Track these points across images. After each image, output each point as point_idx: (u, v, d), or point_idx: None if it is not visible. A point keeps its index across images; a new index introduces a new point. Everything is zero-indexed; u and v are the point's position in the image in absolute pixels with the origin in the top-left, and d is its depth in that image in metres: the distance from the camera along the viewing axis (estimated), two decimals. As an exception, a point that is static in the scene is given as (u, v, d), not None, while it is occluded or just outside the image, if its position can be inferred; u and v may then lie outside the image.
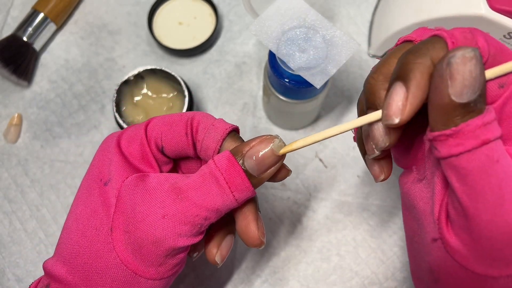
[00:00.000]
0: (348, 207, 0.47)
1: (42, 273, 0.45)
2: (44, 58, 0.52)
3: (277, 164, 0.27)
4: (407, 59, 0.23)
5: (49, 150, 0.49)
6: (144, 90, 0.46)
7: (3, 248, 0.46)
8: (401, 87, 0.22)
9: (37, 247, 0.46)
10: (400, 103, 0.22)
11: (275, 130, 0.49)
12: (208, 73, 0.51)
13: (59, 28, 0.53)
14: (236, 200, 0.26)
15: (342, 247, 0.45)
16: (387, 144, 0.25)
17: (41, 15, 0.50)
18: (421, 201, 0.26)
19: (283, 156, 0.27)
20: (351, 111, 0.50)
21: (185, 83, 0.44)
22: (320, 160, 0.48)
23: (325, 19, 0.36)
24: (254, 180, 0.26)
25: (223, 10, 0.53)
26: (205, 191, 0.26)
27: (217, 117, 0.30)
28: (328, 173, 0.48)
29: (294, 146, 0.26)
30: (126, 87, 0.45)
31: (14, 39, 0.49)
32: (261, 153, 0.26)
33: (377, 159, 0.28)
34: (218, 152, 0.28)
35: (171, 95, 0.46)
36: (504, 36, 0.39)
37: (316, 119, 0.50)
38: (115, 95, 0.44)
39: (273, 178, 0.28)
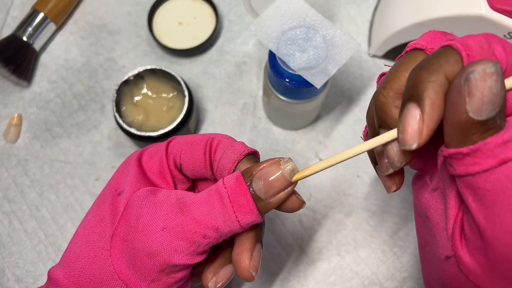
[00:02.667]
0: (348, 207, 0.47)
1: (41, 273, 0.45)
2: (44, 58, 0.52)
3: (288, 190, 0.25)
4: (420, 76, 0.21)
5: (49, 150, 0.49)
6: (144, 90, 0.46)
7: (2, 248, 0.45)
8: (415, 108, 0.21)
9: (37, 247, 0.46)
10: (416, 127, 0.21)
11: (275, 130, 0.49)
12: (208, 73, 0.51)
13: (59, 28, 0.53)
14: (239, 222, 0.25)
15: (342, 247, 0.45)
16: (403, 164, 0.24)
17: (41, 15, 0.50)
18: (435, 212, 0.25)
19: (294, 182, 0.25)
20: (351, 111, 0.50)
21: (185, 83, 0.44)
22: (320, 160, 0.48)
23: (325, 19, 0.36)
24: (261, 203, 0.25)
25: (223, 10, 0.53)
26: (208, 208, 0.25)
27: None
28: (328, 173, 0.48)
29: (307, 172, 0.25)
30: (126, 87, 0.45)
31: (14, 39, 0.49)
32: (270, 175, 0.25)
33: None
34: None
35: (171, 95, 0.46)
36: (504, 36, 0.39)
37: (316, 119, 0.50)
38: (115, 95, 0.44)
39: (284, 206, 0.26)
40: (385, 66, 0.27)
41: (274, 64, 0.38)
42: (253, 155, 0.28)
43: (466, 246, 0.22)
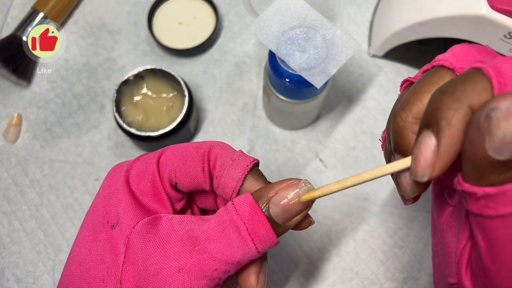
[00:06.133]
0: (348, 207, 0.47)
1: (41, 273, 0.45)
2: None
3: (305, 211, 0.24)
4: (441, 103, 0.19)
5: (49, 150, 0.49)
6: (144, 90, 0.46)
7: (2, 248, 0.45)
8: (431, 138, 0.19)
9: (37, 247, 0.46)
10: (429, 159, 0.19)
11: (275, 130, 0.49)
12: (208, 73, 0.51)
13: (59, 28, 0.53)
14: (259, 252, 0.23)
15: (342, 247, 0.45)
16: (415, 194, 0.22)
17: (41, 14, 0.50)
18: (449, 231, 0.24)
19: (311, 202, 0.24)
20: (352, 111, 0.50)
21: (185, 83, 0.44)
22: (321, 160, 0.48)
23: (325, 19, 0.36)
24: (279, 229, 0.24)
25: (223, 10, 0.53)
26: (225, 243, 0.23)
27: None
28: (328, 173, 0.48)
29: (316, 194, 0.23)
30: (126, 87, 0.45)
31: (13, 39, 0.49)
32: (288, 200, 0.23)
33: None
34: (238, 192, 0.25)
35: (171, 95, 0.46)
36: (505, 36, 0.39)
37: (316, 119, 0.50)
38: (115, 95, 0.44)
39: (297, 226, 0.25)
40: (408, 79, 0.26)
41: (274, 64, 0.38)
42: (255, 166, 0.26)
43: (470, 277, 0.21)
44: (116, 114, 0.43)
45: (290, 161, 0.48)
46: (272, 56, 0.38)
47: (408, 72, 0.51)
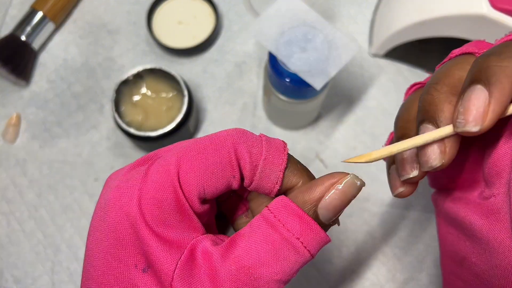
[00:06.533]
0: (349, 208, 0.46)
1: (40, 274, 0.45)
2: (43, 58, 0.52)
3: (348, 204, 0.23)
4: (489, 61, 0.20)
5: (48, 150, 0.48)
6: (143, 90, 0.45)
7: (1, 249, 0.45)
8: (482, 90, 0.20)
9: (36, 248, 0.45)
10: (481, 109, 0.19)
11: (275, 130, 0.49)
12: (207, 73, 0.51)
13: (58, 27, 0.53)
14: (313, 256, 0.22)
15: (343, 248, 0.45)
16: (442, 163, 0.22)
17: (40, 14, 0.50)
18: (489, 219, 0.23)
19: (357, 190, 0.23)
20: (352, 111, 0.50)
21: (184, 83, 0.44)
22: (321, 160, 0.48)
23: (325, 21, 0.36)
24: (328, 227, 0.23)
25: (223, 9, 0.53)
26: (282, 263, 0.21)
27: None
28: (328, 174, 0.48)
29: (374, 155, 0.23)
30: (125, 87, 0.44)
31: (12, 39, 0.49)
32: (339, 203, 0.23)
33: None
34: (277, 193, 0.23)
35: (171, 94, 0.45)
36: (506, 35, 0.39)
37: (317, 119, 0.49)
38: (114, 95, 0.43)
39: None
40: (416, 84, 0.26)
41: (274, 63, 0.38)
42: (289, 155, 0.24)
43: None
44: (115, 114, 0.43)
45: (290, 161, 0.48)
46: (272, 55, 0.38)
47: (409, 71, 0.51)
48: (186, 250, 0.21)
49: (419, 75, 0.51)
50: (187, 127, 0.45)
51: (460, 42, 0.28)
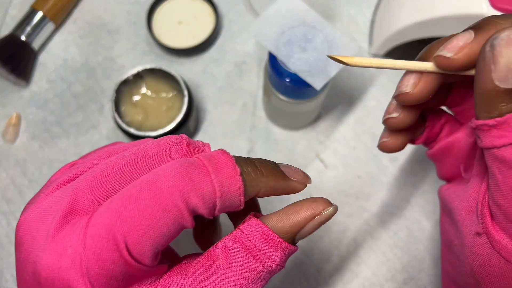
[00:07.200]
0: (349, 208, 0.46)
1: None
2: (43, 58, 0.52)
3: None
4: (488, 18, 0.21)
5: (48, 150, 0.48)
6: (143, 90, 0.45)
7: (1, 249, 0.45)
8: (469, 33, 0.21)
9: (36, 248, 0.45)
10: (461, 43, 0.21)
11: (275, 130, 0.49)
12: (207, 73, 0.51)
13: (58, 27, 0.53)
14: (283, 267, 0.23)
15: (343, 248, 0.45)
16: (409, 92, 0.23)
17: (40, 14, 0.50)
18: (463, 201, 0.25)
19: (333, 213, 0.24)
20: (352, 110, 0.50)
21: (184, 83, 0.44)
22: (321, 160, 0.48)
23: (325, 21, 0.36)
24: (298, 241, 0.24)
25: (223, 9, 0.53)
26: (262, 284, 0.22)
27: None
28: (328, 174, 0.48)
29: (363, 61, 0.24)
30: (125, 87, 0.44)
31: (12, 39, 0.49)
32: (312, 229, 0.23)
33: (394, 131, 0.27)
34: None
35: (171, 94, 0.45)
36: (506, 35, 0.39)
37: (317, 119, 0.49)
38: (114, 95, 0.43)
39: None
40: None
41: (274, 63, 0.38)
42: (239, 165, 0.22)
43: (496, 222, 0.22)
44: (115, 114, 0.43)
45: (290, 161, 0.48)
46: (272, 55, 0.38)
47: (409, 71, 0.51)
48: None
49: (419, 75, 0.51)
50: (187, 127, 0.45)
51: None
